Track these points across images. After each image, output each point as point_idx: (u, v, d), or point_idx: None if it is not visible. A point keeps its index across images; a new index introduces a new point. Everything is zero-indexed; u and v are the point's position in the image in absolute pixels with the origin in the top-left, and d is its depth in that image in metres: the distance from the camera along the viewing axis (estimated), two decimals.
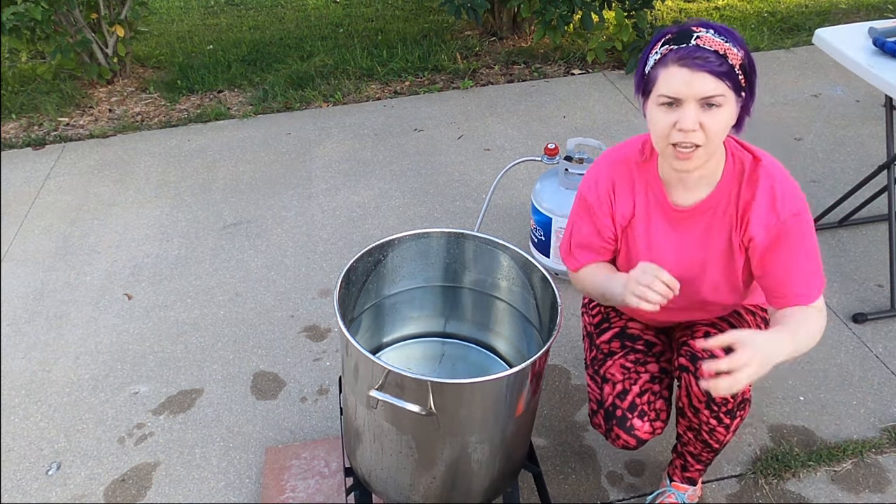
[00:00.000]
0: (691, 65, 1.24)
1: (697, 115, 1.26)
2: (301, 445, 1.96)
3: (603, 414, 1.59)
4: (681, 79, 1.25)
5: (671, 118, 1.28)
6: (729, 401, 1.45)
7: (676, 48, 1.26)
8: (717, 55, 1.24)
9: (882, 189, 2.49)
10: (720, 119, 1.27)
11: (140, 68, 4.52)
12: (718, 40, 1.25)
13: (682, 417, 1.58)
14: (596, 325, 1.75)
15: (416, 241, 1.65)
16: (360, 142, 3.54)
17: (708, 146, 1.30)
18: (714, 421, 1.50)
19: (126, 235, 2.94)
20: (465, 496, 1.53)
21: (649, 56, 1.32)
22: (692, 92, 1.25)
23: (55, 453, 2.04)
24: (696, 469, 1.69)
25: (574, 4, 3.86)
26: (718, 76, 1.24)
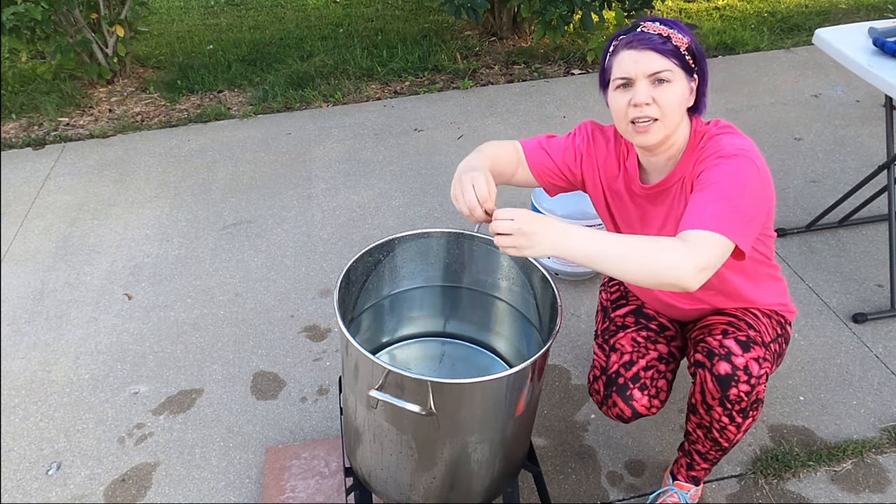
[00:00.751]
0: (637, 45, 1.36)
1: (649, 90, 1.36)
2: (301, 445, 1.96)
3: (605, 380, 1.62)
4: (630, 59, 1.36)
5: (626, 97, 1.38)
6: (742, 399, 1.45)
7: (625, 36, 1.39)
8: (660, 36, 1.36)
9: (882, 189, 2.49)
10: (671, 93, 1.36)
11: (140, 68, 4.53)
12: (661, 27, 1.37)
13: (693, 414, 1.58)
14: (613, 301, 1.80)
15: (416, 241, 1.65)
16: (360, 142, 3.54)
17: (664, 120, 1.38)
18: (726, 419, 1.50)
19: (126, 235, 2.94)
20: (465, 496, 1.53)
21: (606, 54, 1.44)
22: (641, 69, 1.35)
23: (55, 453, 2.04)
24: (702, 468, 1.69)
25: (574, 4, 3.86)
26: (663, 53, 1.34)
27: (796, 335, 2.27)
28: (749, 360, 1.43)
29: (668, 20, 1.41)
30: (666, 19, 1.41)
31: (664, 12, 4.84)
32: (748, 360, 1.44)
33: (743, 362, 1.43)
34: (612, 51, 1.41)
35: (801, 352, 2.21)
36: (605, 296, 1.85)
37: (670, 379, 1.63)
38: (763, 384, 1.45)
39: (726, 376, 1.44)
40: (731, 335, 1.49)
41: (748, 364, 1.43)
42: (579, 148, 1.60)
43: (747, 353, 1.45)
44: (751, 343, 1.47)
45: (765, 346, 1.51)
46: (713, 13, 4.83)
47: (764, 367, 1.45)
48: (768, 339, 1.56)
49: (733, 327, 1.54)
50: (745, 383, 1.43)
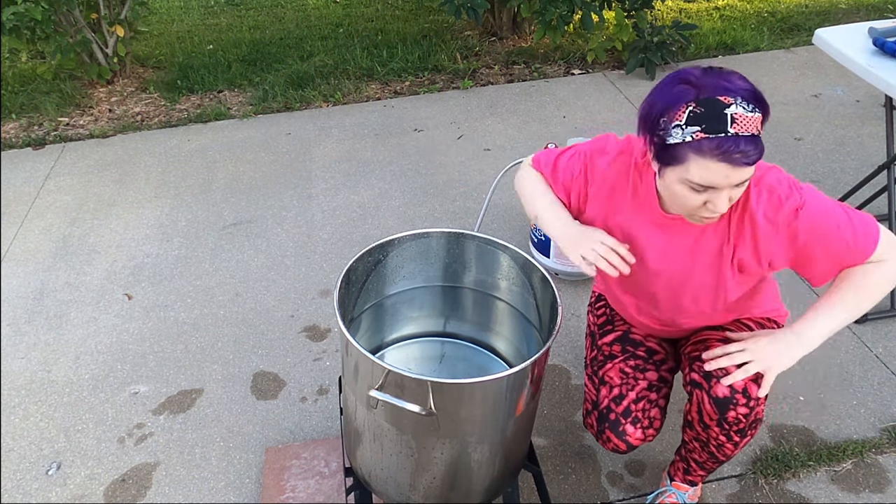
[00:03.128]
0: (732, 160, 1.17)
1: (728, 193, 1.23)
2: (301, 445, 1.96)
3: (597, 415, 1.60)
4: (721, 173, 1.19)
5: (701, 198, 1.24)
6: (741, 420, 1.43)
7: (713, 138, 1.16)
8: (754, 143, 1.17)
9: (882, 189, 2.49)
10: (745, 186, 1.26)
11: (140, 68, 4.52)
12: (751, 116, 1.17)
13: (689, 429, 1.56)
14: (600, 325, 1.75)
15: (416, 241, 1.65)
16: (360, 142, 3.54)
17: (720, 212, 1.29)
18: (724, 437, 1.48)
19: (126, 235, 2.94)
20: (465, 496, 1.53)
21: (670, 125, 1.20)
22: (729, 182, 1.20)
23: (55, 453, 2.04)
24: (699, 474, 1.68)
25: (574, 4, 3.86)
26: (756, 162, 1.19)
27: None
28: (748, 382, 1.40)
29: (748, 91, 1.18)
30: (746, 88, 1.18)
31: (664, 12, 4.84)
32: (747, 381, 1.40)
33: (741, 384, 1.40)
34: (691, 143, 1.18)
35: None
36: (593, 318, 1.79)
37: (663, 405, 1.60)
38: (762, 404, 1.43)
39: (724, 399, 1.41)
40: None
41: (747, 386, 1.40)
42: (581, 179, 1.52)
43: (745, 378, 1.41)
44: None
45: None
46: (713, 13, 4.83)
47: (762, 399, 1.42)
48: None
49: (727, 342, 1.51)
50: (743, 406, 1.40)
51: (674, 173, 1.24)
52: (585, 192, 1.51)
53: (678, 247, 1.44)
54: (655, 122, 1.23)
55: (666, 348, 1.68)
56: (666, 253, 1.45)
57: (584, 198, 1.51)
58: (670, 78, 1.23)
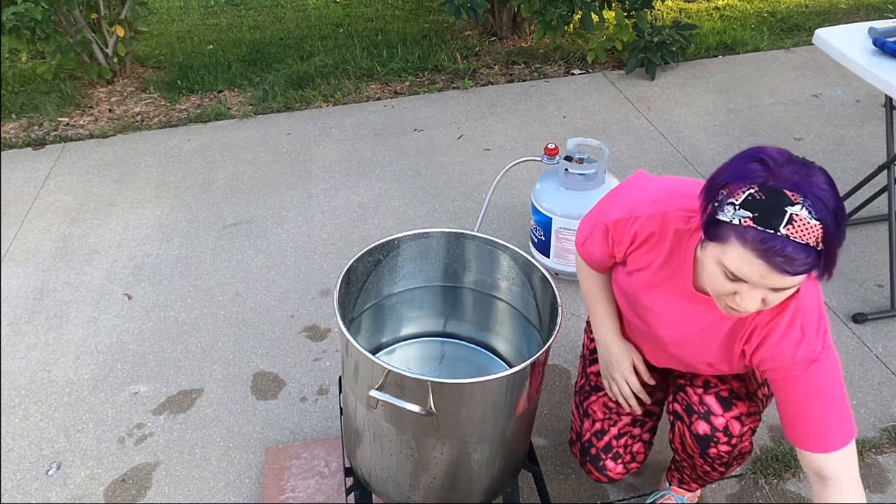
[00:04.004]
0: (773, 263, 1.04)
1: (762, 294, 1.11)
2: (301, 445, 1.96)
3: (579, 447, 1.61)
4: (756, 272, 1.06)
5: (731, 287, 1.12)
6: (723, 456, 1.42)
7: (761, 231, 1.03)
8: (806, 253, 1.02)
9: (882, 189, 2.49)
10: (786, 295, 1.11)
11: (140, 68, 4.52)
12: (814, 224, 1.02)
13: (676, 454, 1.57)
14: (591, 350, 1.73)
15: (416, 241, 1.65)
16: (360, 142, 3.54)
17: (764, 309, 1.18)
18: (708, 468, 1.49)
19: (126, 235, 2.94)
20: (465, 496, 1.53)
21: (726, 200, 1.08)
22: (765, 283, 1.07)
23: (55, 453, 2.04)
24: (693, 487, 1.69)
25: (574, 4, 3.86)
26: (800, 274, 1.05)
27: None
28: (730, 420, 1.37)
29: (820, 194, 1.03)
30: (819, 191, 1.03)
31: (664, 12, 4.84)
32: (728, 419, 1.37)
33: (723, 423, 1.37)
34: (737, 226, 1.06)
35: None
36: (587, 341, 1.76)
37: (647, 439, 1.58)
38: (747, 440, 1.40)
39: (705, 437, 1.39)
40: (713, 389, 1.42)
41: (728, 424, 1.37)
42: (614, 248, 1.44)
43: (728, 412, 1.39)
44: (733, 399, 1.40)
45: (749, 398, 1.44)
46: (713, 13, 4.83)
47: (748, 423, 1.39)
48: (755, 385, 1.49)
49: (717, 378, 1.46)
50: (725, 444, 1.39)
51: (713, 251, 1.13)
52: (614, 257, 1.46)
53: (697, 322, 1.36)
54: (716, 191, 1.12)
55: (656, 378, 1.63)
56: (684, 325, 1.38)
57: (621, 262, 1.46)
58: (751, 151, 1.12)
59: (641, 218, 1.34)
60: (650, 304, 1.41)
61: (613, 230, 1.40)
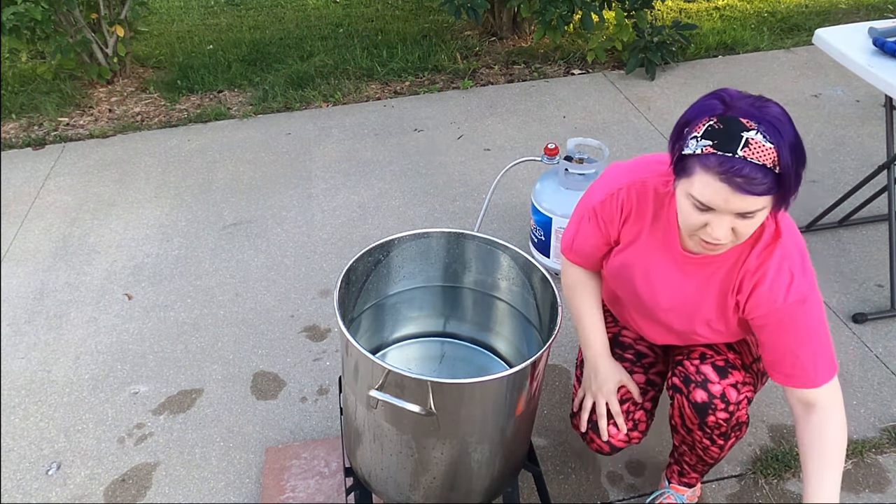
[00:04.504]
0: (734, 184, 1.12)
1: (730, 224, 1.18)
2: (301, 445, 1.96)
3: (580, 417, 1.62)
4: (720, 195, 1.14)
5: (702, 219, 1.19)
6: (721, 425, 1.44)
7: (721, 155, 1.12)
8: (763, 172, 1.11)
9: (882, 189, 2.49)
10: (754, 224, 1.18)
11: (140, 68, 4.52)
12: (768, 146, 1.11)
13: (675, 433, 1.57)
14: None
15: (416, 241, 1.65)
16: (360, 142, 3.54)
17: (736, 241, 1.24)
18: (707, 441, 1.50)
19: (126, 235, 2.94)
20: (465, 496, 1.53)
21: (689, 135, 1.18)
22: (729, 207, 1.15)
23: (55, 453, 2.04)
24: (693, 476, 1.69)
25: (574, 4, 3.86)
26: (761, 194, 1.12)
27: None
28: (726, 387, 1.41)
29: (774, 119, 1.13)
30: (773, 117, 1.13)
31: (664, 12, 4.84)
32: (725, 386, 1.41)
33: (719, 390, 1.41)
34: (700, 156, 1.15)
35: None
36: None
37: (649, 408, 1.60)
38: (744, 408, 1.43)
39: (703, 404, 1.43)
40: (709, 360, 1.46)
41: (725, 391, 1.41)
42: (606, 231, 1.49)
43: (724, 380, 1.43)
44: (729, 368, 1.45)
45: (745, 369, 1.49)
46: (713, 13, 4.83)
47: (743, 391, 1.43)
48: (750, 359, 1.53)
49: (712, 350, 1.50)
50: (722, 411, 1.42)
51: (682, 186, 1.21)
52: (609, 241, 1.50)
53: (690, 282, 1.41)
54: (680, 132, 1.21)
55: (657, 351, 1.67)
56: (679, 288, 1.43)
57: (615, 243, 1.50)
58: (709, 94, 1.20)
59: (623, 189, 1.42)
60: (644, 274, 1.46)
61: (601, 211, 1.46)
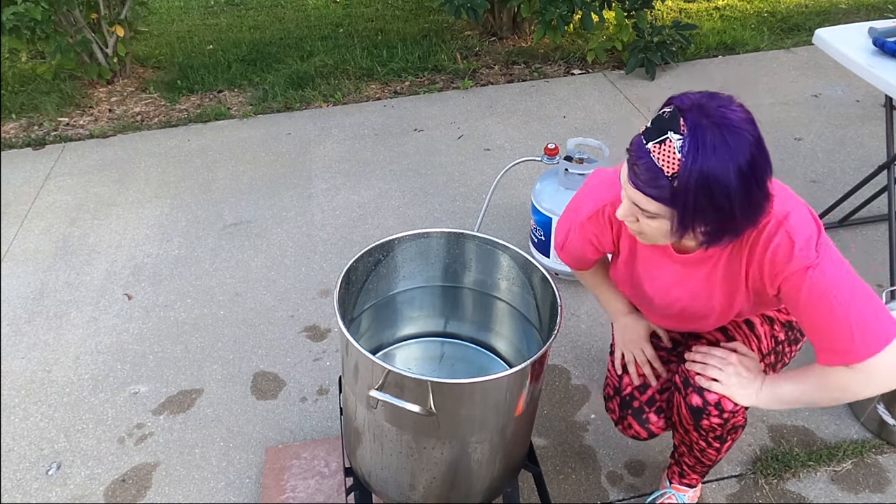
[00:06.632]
0: (630, 170, 1.15)
1: (632, 207, 1.19)
2: (301, 445, 1.96)
3: (619, 401, 1.62)
4: (623, 174, 1.18)
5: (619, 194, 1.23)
6: (716, 429, 1.44)
7: (639, 137, 1.13)
8: (655, 175, 1.10)
9: (882, 189, 2.49)
10: (653, 226, 1.18)
11: (140, 68, 4.52)
12: (676, 157, 1.08)
13: (675, 431, 1.58)
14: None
15: (416, 241, 1.65)
16: (360, 142, 3.54)
17: (647, 236, 1.23)
18: (703, 443, 1.51)
19: (126, 235, 2.94)
20: (465, 496, 1.53)
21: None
22: (626, 191, 1.18)
23: (55, 453, 2.04)
24: (693, 477, 1.69)
25: (574, 4, 3.86)
26: (650, 196, 1.13)
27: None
28: (722, 398, 1.40)
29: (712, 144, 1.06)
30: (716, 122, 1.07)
31: (664, 12, 4.84)
32: (721, 396, 1.40)
33: (715, 398, 1.40)
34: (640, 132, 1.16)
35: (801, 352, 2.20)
36: None
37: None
38: (740, 414, 1.42)
39: (697, 409, 1.43)
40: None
41: (721, 401, 1.40)
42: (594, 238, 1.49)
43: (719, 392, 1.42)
44: None
45: None
46: (713, 13, 4.83)
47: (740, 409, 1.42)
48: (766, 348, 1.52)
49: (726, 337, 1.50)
50: (716, 417, 1.42)
51: None
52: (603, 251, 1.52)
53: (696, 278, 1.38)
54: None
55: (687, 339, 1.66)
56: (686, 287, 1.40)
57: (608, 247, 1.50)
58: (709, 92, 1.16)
59: (607, 203, 1.42)
60: (651, 280, 1.44)
61: (591, 226, 1.47)
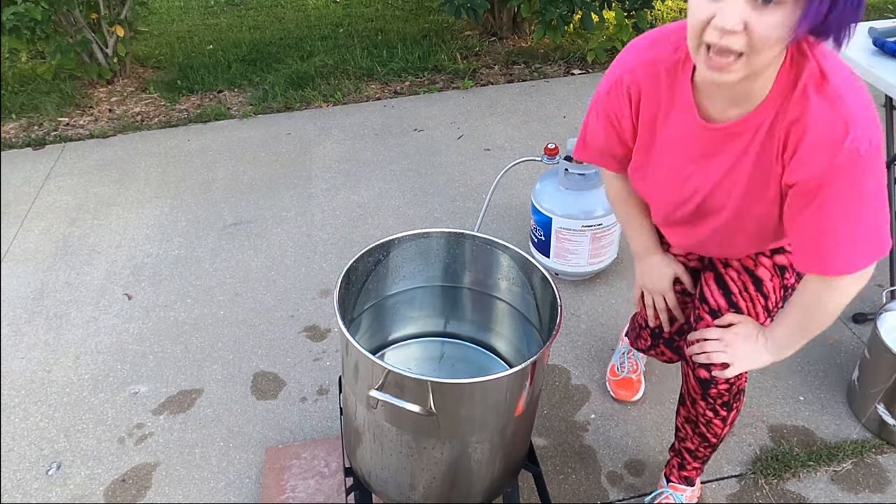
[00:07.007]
0: None
1: (743, 11, 0.96)
2: (301, 445, 1.96)
3: (649, 332, 1.73)
4: None
5: (710, 9, 0.98)
6: (723, 394, 1.49)
7: None
8: None
9: None
10: (774, 21, 0.96)
11: (140, 68, 4.52)
12: None
13: (682, 406, 1.61)
14: None
15: (416, 241, 1.65)
16: (360, 142, 3.54)
17: (752, 57, 1.00)
18: (710, 413, 1.53)
19: (126, 235, 2.94)
20: (465, 496, 1.53)
21: None
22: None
23: (55, 453, 2.04)
24: (694, 467, 1.70)
25: (574, 4, 3.86)
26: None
27: None
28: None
29: None
30: None
31: (664, 12, 4.84)
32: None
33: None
34: None
35: (801, 352, 2.21)
36: None
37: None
38: (743, 378, 1.49)
39: (706, 380, 1.48)
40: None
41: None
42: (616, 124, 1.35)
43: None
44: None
45: None
46: None
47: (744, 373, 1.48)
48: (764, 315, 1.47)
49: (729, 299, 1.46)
50: (723, 384, 1.48)
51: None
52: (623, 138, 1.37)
53: (720, 162, 1.23)
54: None
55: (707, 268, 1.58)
56: (712, 168, 1.25)
57: (630, 138, 1.36)
58: None
59: (627, 72, 1.27)
60: (670, 170, 1.31)
61: (608, 105, 1.33)
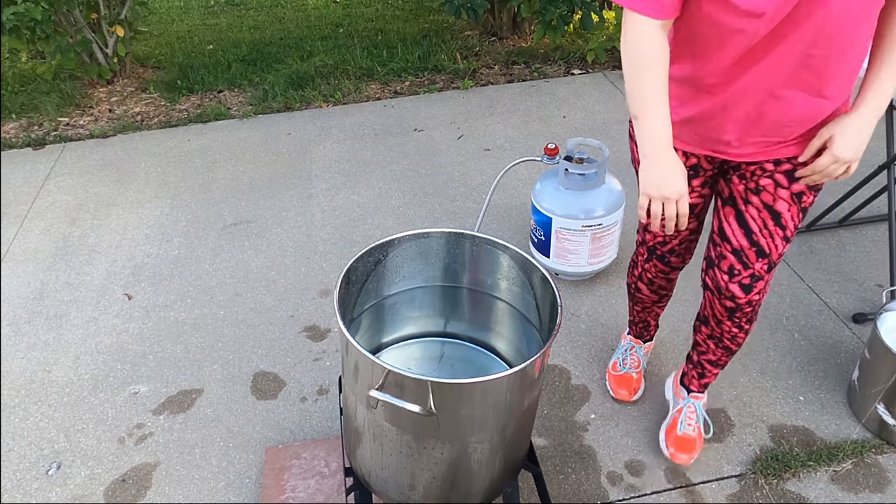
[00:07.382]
0: None
1: None
2: (301, 445, 1.96)
3: (646, 248, 1.82)
4: None
5: None
6: (748, 313, 1.63)
7: None
8: None
9: (882, 189, 2.49)
10: None
11: (140, 68, 4.53)
12: None
13: (704, 326, 1.74)
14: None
15: (416, 241, 1.65)
16: (360, 142, 3.54)
17: None
18: (735, 329, 1.68)
19: (126, 235, 2.94)
20: (465, 496, 1.53)
21: None
22: None
23: (55, 453, 2.04)
24: (713, 373, 1.86)
25: (574, 4, 3.87)
26: None
27: (796, 335, 2.27)
28: (751, 297, 1.59)
29: None
30: None
31: None
32: (750, 298, 1.60)
33: (745, 300, 1.60)
34: None
35: (801, 352, 2.21)
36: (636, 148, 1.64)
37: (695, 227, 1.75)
38: (764, 292, 1.61)
39: (731, 308, 1.63)
40: (736, 279, 1.58)
41: (751, 299, 1.60)
42: None
43: (748, 294, 1.59)
44: (754, 283, 1.58)
45: (769, 268, 1.58)
46: None
47: (764, 292, 1.61)
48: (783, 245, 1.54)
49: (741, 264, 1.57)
50: (747, 307, 1.62)
51: None
52: None
53: None
54: None
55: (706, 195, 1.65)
56: None
57: None
58: None
59: None
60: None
61: None
